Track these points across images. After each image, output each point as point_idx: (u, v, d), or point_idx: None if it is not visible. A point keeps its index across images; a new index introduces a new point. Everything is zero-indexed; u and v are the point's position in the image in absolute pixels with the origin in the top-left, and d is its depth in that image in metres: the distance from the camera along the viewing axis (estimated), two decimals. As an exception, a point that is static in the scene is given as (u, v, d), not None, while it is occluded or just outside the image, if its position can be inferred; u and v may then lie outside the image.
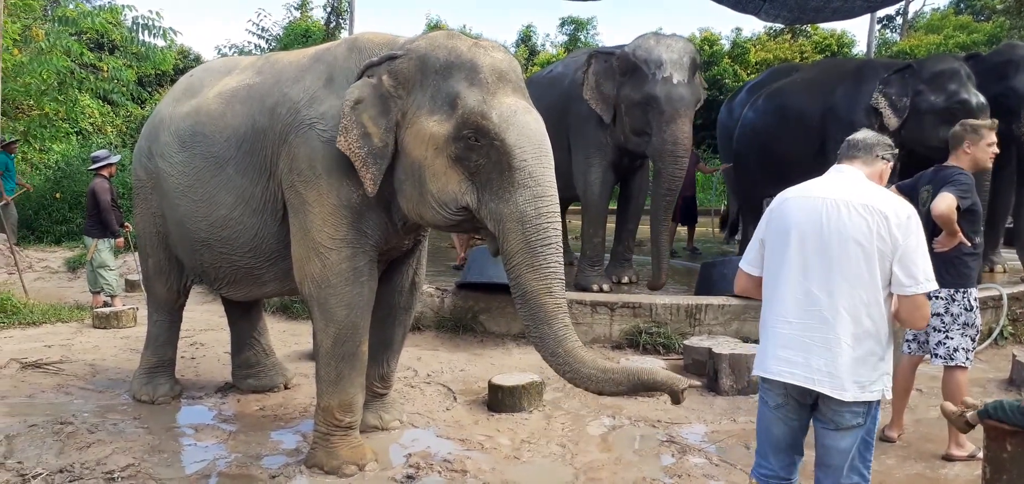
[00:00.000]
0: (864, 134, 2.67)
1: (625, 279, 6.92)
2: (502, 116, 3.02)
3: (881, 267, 2.34)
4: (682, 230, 9.99)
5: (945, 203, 3.60)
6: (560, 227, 3.09)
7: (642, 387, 2.87)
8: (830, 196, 2.45)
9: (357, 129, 3.22)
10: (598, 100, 6.33)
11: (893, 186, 3.93)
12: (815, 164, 3.67)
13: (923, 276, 2.33)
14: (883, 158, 2.62)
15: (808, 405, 2.48)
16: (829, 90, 7.27)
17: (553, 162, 3.13)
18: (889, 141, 2.69)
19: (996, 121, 4.02)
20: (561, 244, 3.07)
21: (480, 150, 3.03)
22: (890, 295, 2.39)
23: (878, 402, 2.42)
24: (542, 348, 3.03)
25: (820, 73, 8.17)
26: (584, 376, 2.94)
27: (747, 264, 2.68)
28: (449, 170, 3.10)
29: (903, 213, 2.37)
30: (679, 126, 5.90)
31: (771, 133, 7.85)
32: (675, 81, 5.90)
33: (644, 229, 7.02)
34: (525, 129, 3.04)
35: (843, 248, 2.37)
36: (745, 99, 9.31)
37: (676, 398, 2.67)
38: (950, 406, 3.44)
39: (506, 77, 3.15)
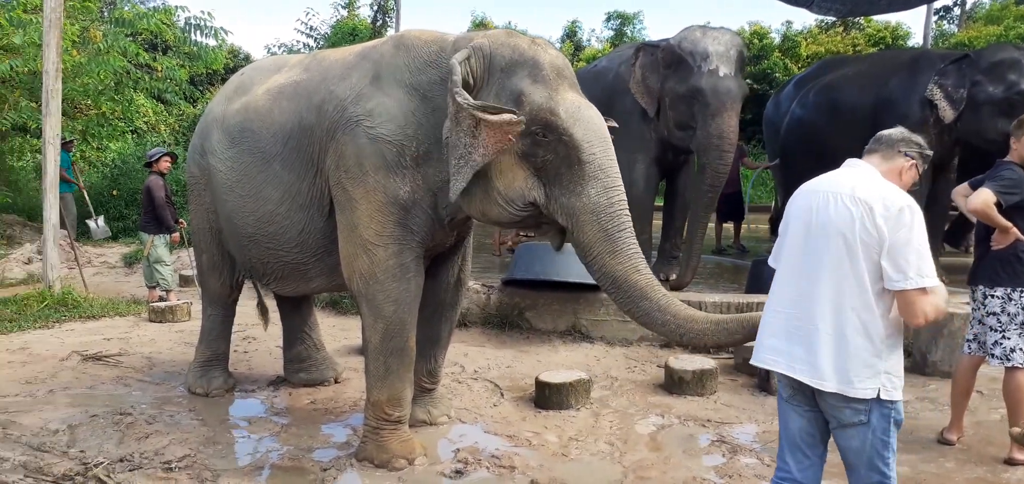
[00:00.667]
0: (893, 130, 2.61)
1: (673, 276, 6.85)
2: (568, 112, 3.06)
3: (866, 259, 2.27)
4: (728, 227, 9.82)
5: (979, 198, 3.55)
6: (630, 215, 3.13)
7: (756, 333, 2.82)
8: (826, 189, 2.43)
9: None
10: (643, 93, 6.28)
11: (966, 183, 3.86)
12: (865, 158, 3.60)
13: (914, 271, 2.22)
14: (905, 154, 2.53)
15: (811, 395, 2.43)
16: (883, 82, 7.07)
17: (614, 154, 3.16)
18: (920, 140, 2.60)
19: None
20: (633, 230, 3.11)
21: (547, 145, 3.07)
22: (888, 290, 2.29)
23: (889, 401, 2.30)
24: (649, 322, 3.05)
25: (873, 65, 7.92)
26: (698, 332, 2.94)
27: (771, 259, 2.68)
28: (516, 167, 3.12)
29: (894, 205, 2.27)
30: (725, 119, 5.82)
31: (821, 127, 7.67)
32: (721, 74, 5.82)
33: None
34: (591, 124, 3.10)
35: (827, 240, 2.35)
36: (792, 93, 9.09)
37: None
38: (1017, 430, 3.39)
39: (563, 74, 3.20)
